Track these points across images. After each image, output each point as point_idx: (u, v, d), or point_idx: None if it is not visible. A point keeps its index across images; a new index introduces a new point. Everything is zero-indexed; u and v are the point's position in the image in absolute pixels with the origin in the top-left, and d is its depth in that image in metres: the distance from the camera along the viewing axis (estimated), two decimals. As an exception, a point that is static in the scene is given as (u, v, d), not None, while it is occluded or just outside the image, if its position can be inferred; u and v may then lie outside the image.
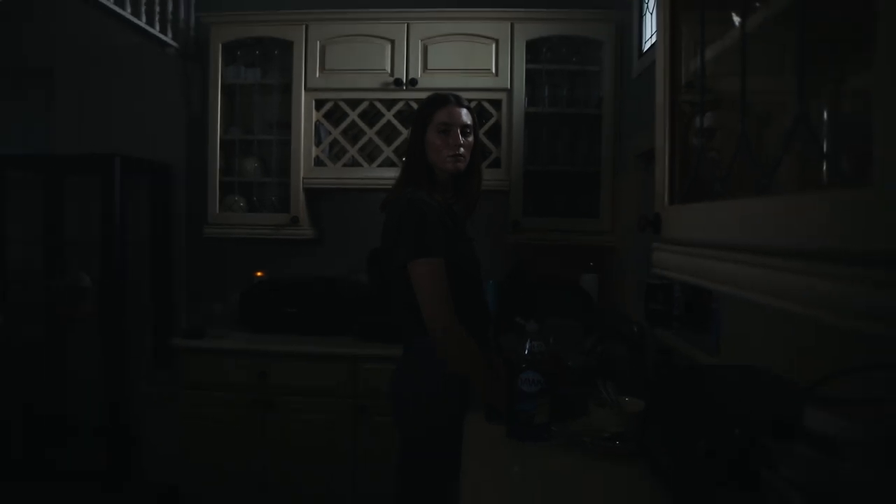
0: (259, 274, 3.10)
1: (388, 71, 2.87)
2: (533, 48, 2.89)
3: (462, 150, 1.85)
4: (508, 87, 2.85)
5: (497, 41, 2.84)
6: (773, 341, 1.39)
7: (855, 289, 0.59)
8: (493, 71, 2.85)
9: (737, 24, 1.01)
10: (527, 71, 2.86)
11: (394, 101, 2.90)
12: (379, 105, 2.91)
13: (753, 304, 1.40)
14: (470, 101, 1.99)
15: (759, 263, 0.80)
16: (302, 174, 2.93)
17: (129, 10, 2.60)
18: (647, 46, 2.48)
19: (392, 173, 2.87)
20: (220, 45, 2.93)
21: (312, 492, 2.66)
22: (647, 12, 2.46)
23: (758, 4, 0.87)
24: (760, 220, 0.77)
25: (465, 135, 1.86)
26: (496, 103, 2.88)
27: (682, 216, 1.02)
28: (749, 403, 1.14)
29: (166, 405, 2.93)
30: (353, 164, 2.96)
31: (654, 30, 2.38)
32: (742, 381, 1.32)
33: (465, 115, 1.87)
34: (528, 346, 1.60)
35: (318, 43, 2.89)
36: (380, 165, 2.93)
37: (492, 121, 2.88)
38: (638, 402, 1.61)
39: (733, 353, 1.63)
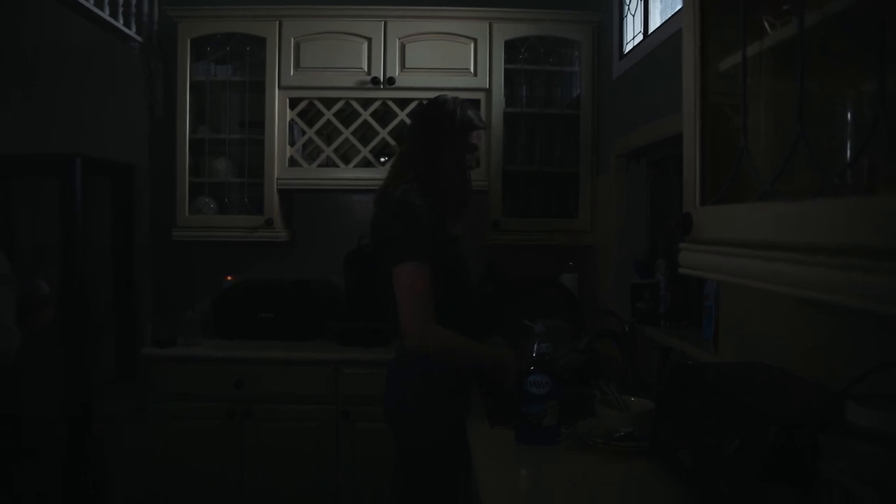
0: (229, 278, 2.99)
1: (365, 69, 2.82)
2: (510, 48, 2.88)
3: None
4: (487, 87, 2.83)
5: (476, 41, 2.82)
6: (777, 339, 1.42)
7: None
8: (472, 71, 2.83)
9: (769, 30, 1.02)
10: (505, 71, 2.85)
11: (371, 101, 2.84)
12: (355, 104, 2.85)
13: (750, 300, 1.42)
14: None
15: (819, 263, 0.80)
16: (276, 175, 2.84)
17: (92, 0, 2.47)
18: (628, 48, 2.50)
19: (369, 174, 2.82)
20: (189, 41, 2.81)
21: (295, 502, 2.58)
22: (629, 14, 2.49)
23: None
24: (825, 220, 0.77)
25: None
26: (475, 103, 2.85)
27: (721, 217, 1.02)
28: (776, 401, 1.16)
29: (133, 419, 2.78)
30: (329, 164, 2.89)
31: (636, 32, 2.41)
32: (756, 378, 1.34)
33: None
34: (535, 348, 1.59)
35: (293, 40, 2.81)
36: (356, 166, 2.87)
37: (470, 121, 2.85)
38: (643, 401, 1.61)
39: (733, 351, 1.65)
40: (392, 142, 2.85)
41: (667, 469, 1.32)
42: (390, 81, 2.81)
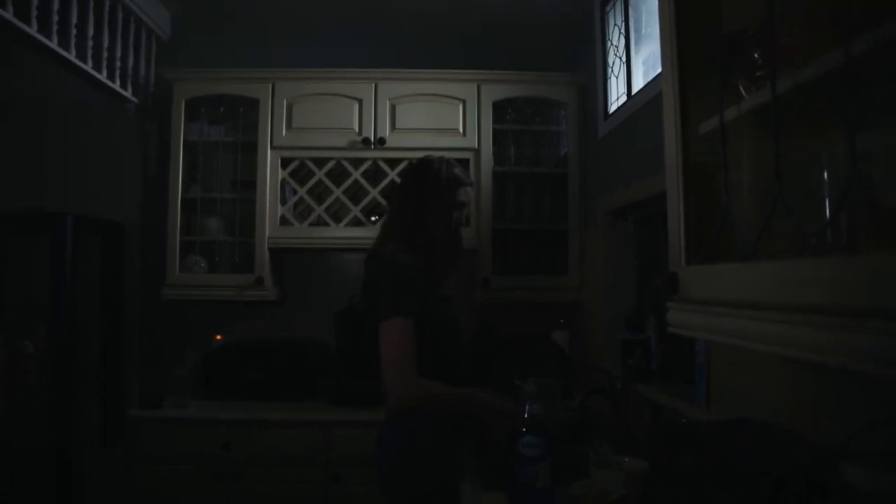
0: (218, 337, 2.96)
1: (356, 130, 2.87)
2: (498, 108, 2.95)
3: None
4: (476, 146, 2.89)
5: (464, 102, 2.89)
6: (765, 396, 1.41)
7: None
8: (461, 131, 2.89)
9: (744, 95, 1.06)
10: (493, 131, 2.91)
11: (361, 160, 2.89)
12: (346, 164, 2.89)
13: (740, 358, 1.42)
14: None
15: (803, 322, 0.80)
16: (267, 233, 2.85)
17: (90, 63, 2.52)
18: (612, 108, 2.57)
19: (359, 233, 2.84)
20: (184, 102, 2.86)
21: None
22: (613, 76, 2.56)
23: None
24: (806, 280, 0.78)
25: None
26: (464, 163, 2.90)
27: (706, 276, 1.03)
28: (768, 459, 1.14)
29: (121, 475, 2.70)
30: (320, 223, 2.91)
31: (620, 93, 2.48)
32: (745, 436, 1.33)
33: None
34: (527, 410, 1.57)
35: (285, 101, 2.87)
36: (347, 225, 2.89)
37: (460, 179, 2.90)
38: (636, 461, 1.59)
39: (725, 408, 1.64)
40: (382, 201, 2.88)
41: (662, 532, 1.29)
42: (381, 141, 2.86)
